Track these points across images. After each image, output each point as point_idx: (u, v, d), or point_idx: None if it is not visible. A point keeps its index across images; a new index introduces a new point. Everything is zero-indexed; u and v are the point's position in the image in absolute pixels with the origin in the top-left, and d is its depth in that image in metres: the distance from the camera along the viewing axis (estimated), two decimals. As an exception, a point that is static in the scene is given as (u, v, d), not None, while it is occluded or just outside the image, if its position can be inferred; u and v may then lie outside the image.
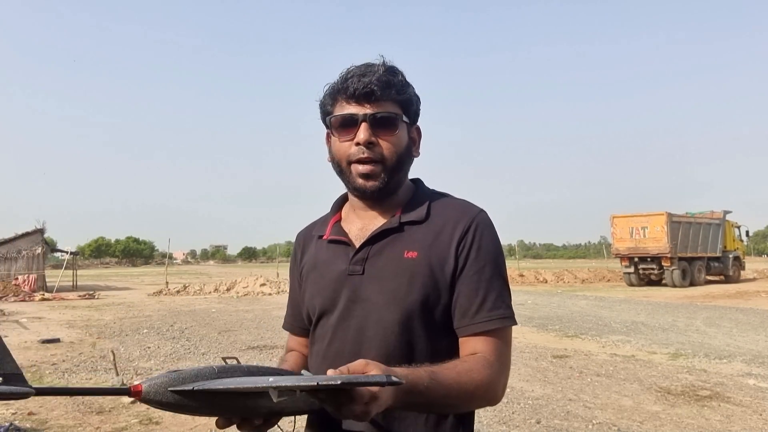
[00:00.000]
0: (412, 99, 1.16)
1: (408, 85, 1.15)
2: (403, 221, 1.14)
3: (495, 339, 1.07)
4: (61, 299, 18.27)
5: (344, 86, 1.11)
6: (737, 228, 25.68)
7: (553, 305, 14.42)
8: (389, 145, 1.11)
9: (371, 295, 1.10)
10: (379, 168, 1.11)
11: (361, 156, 1.10)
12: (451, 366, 1.01)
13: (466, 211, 1.15)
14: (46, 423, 4.58)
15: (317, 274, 1.20)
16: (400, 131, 1.13)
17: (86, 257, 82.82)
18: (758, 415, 4.72)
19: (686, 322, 10.80)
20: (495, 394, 1.05)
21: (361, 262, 1.13)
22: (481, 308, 1.07)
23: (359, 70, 1.12)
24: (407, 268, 1.09)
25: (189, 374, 0.83)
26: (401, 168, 1.15)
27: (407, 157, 1.16)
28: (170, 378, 0.82)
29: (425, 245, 1.11)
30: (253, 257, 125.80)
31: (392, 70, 1.13)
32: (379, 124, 1.10)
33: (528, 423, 4.58)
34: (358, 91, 1.09)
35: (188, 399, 0.82)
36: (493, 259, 1.11)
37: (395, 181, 1.15)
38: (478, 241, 1.10)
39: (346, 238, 1.18)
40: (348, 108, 1.12)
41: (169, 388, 0.81)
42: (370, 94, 1.09)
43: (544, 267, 38.51)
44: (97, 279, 34.01)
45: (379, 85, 1.09)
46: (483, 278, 1.08)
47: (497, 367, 1.05)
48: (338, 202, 1.28)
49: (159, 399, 0.81)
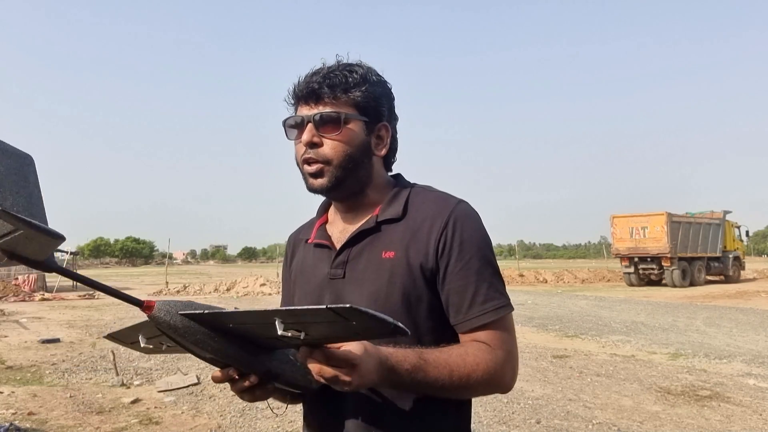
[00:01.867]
0: (373, 97, 1.12)
1: (368, 83, 1.11)
2: (380, 220, 1.12)
3: (494, 330, 1.05)
4: (61, 299, 18.26)
5: (294, 88, 1.13)
6: (737, 228, 25.68)
7: (553, 305, 14.42)
8: (334, 143, 1.09)
9: (353, 298, 1.08)
10: (325, 167, 1.10)
11: (306, 156, 1.10)
12: (445, 349, 1.01)
13: (444, 204, 1.11)
14: (46, 423, 4.58)
15: (304, 278, 1.20)
16: (349, 129, 1.10)
17: (86, 257, 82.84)
18: (758, 415, 4.72)
19: (686, 322, 10.80)
20: (501, 380, 1.04)
21: (342, 265, 1.12)
22: (474, 302, 1.05)
23: (312, 70, 1.12)
24: (386, 269, 1.07)
25: (201, 306, 0.84)
26: (355, 167, 1.11)
27: (361, 156, 1.12)
28: (184, 304, 0.83)
29: (403, 244, 1.09)
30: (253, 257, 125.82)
31: (348, 68, 1.11)
32: (323, 123, 1.09)
33: (528, 423, 4.58)
34: (302, 92, 1.10)
35: (195, 325, 0.82)
36: (478, 249, 1.08)
37: (353, 180, 1.12)
38: (459, 235, 1.07)
39: (328, 241, 1.17)
40: (300, 109, 1.12)
41: (180, 312, 0.82)
42: (313, 93, 1.09)
43: (544, 267, 38.52)
44: (97, 279, 33.87)
45: (322, 84, 1.08)
46: (471, 271, 1.06)
47: (500, 354, 1.04)
48: (324, 204, 1.27)
49: (167, 319, 0.81)
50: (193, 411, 4.95)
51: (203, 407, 5.05)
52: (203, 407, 5.05)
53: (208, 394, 5.48)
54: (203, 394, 5.52)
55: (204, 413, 4.89)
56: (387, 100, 1.16)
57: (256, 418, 4.72)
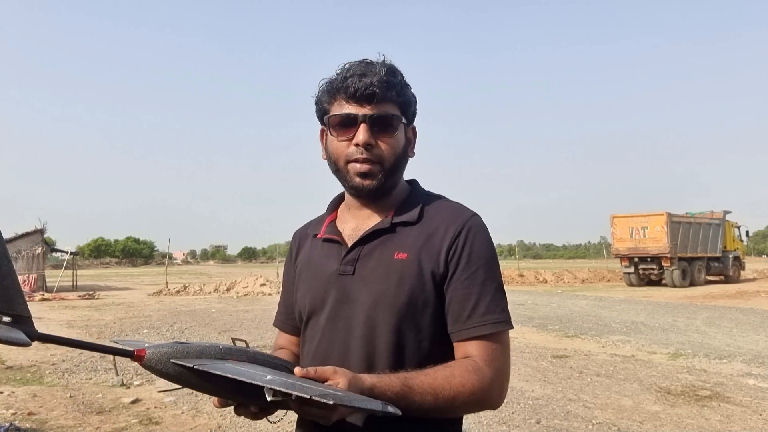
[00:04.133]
0: (411, 100, 1.15)
1: (407, 86, 1.15)
2: (395, 222, 1.13)
3: (489, 343, 1.05)
4: (61, 299, 18.26)
5: (344, 85, 1.10)
6: (737, 228, 25.69)
7: (553, 305, 14.42)
8: (388, 146, 1.11)
9: (360, 295, 1.09)
10: (377, 168, 1.10)
11: (359, 156, 1.10)
12: (430, 372, 0.99)
13: (459, 214, 1.14)
14: (46, 423, 4.58)
15: (310, 273, 1.20)
16: (399, 133, 1.13)
17: (86, 257, 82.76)
18: (758, 415, 4.72)
19: (686, 322, 10.80)
20: (488, 399, 1.04)
21: (353, 262, 1.12)
22: (474, 313, 1.05)
23: (359, 69, 1.10)
24: (397, 270, 1.08)
25: (194, 349, 0.83)
26: (398, 169, 1.15)
27: (404, 158, 1.16)
28: (175, 350, 0.82)
29: (416, 247, 1.10)
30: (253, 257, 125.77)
31: (392, 71, 1.12)
32: (379, 125, 1.10)
33: (528, 423, 4.58)
34: (359, 91, 1.08)
35: (188, 374, 0.82)
36: (485, 262, 1.09)
37: (391, 181, 1.14)
38: (470, 245, 1.09)
39: (339, 237, 1.17)
40: (347, 107, 1.10)
41: (171, 360, 0.81)
42: (372, 96, 1.08)
43: (544, 267, 38.51)
44: (97, 279, 33.99)
45: (380, 86, 1.08)
46: (475, 282, 1.07)
47: (488, 372, 1.03)
48: (334, 201, 1.28)
49: (160, 368, 0.81)
50: (193, 411, 4.95)
51: (203, 407, 5.05)
52: (203, 407, 5.05)
53: (208, 395, 5.48)
54: (203, 394, 5.51)
55: (204, 413, 4.88)
56: (416, 102, 1.19)
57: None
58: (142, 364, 0.81)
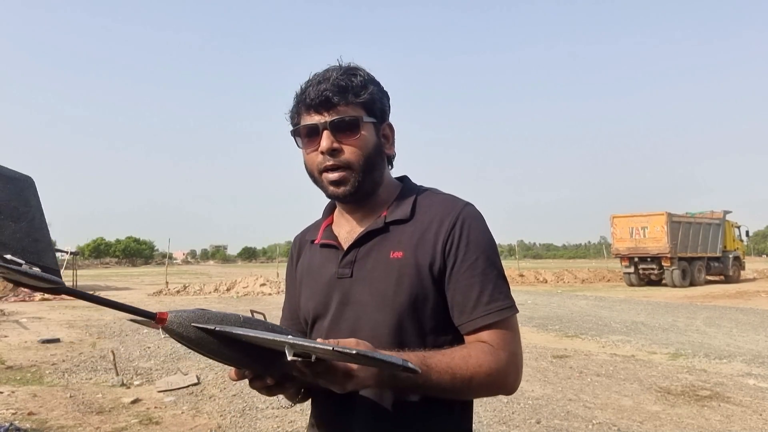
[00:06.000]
0: (374, 98, 1.13)
1: (368, 85, 1.12)
2: (388, 221, 1.14)
3: (498, 330, 1.06)
4: (61, 299, 18.21)
5: (304, 96, 1.11)
6: (737, 228, 25.69)
7: (553, 305, 14.42)
8: (353, 148, 1.10)
9: (361, 297, 1.10)
10: (348, 173, 1.10)
11: (328, 164, 1.10)
12: (448, 352, 1.01)
13: (452, 206, 1.13)
14: (46, 423, 4.58)
15: (310, 278, 1.21)
16: (364, 132, 1.11)
17: (86, 257, 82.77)
18: (758, 415, 4.72)
19: (686, 322, 10.80)
20: (504, 382, 1.05)
21: (350, 264, 1.13)
22: (479, 302, 1.06)
23: (317, 77, 1.11)
24: (394, 269, 1.09)
25: (215, 316, 0.84)
26: (372, 168, 1.13)
27: (377, 157, 1.14)
28: (196, 314, 0.83)
29: (411, 244, 1.10)
30: (253, 257, 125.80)
31: (350, 72, 1.11)
32: (340, 129, 1.09)
33: (528, 423, 4.58)
34: (314, 100, 1.09)
35: (207, 339, 0.82)
36: (484, 251, 1.09)
37: (370, 182, 1.14)
38: (467, 235, 1.09)
39: (335, 241, 1.18)
40: (309, 118, 1.11)
41: (193, 323, 0.82)
42: (327, 101, 1.08)
43: (544, 267, 38.51)
44: (97, 279, 33.97)
45: (333, 90, 1.08)
46: (476, 272, 1.07)
47: (503, 355, 1.04)
48: (330, 205, 1.28)
49: (181, 331, 0.82)
50: (193, 411, 4.95)
51: (203, 407, 5.05)
52: (203, 407, 5.05)
53: (208, 394, 5.48)
54: (203, 394, 5.52)
55: (204, 413, 4.89)
56: (387, 98, 1.18)
57: (256, 418, 4.72)
58: (164, 327, 0.82)
